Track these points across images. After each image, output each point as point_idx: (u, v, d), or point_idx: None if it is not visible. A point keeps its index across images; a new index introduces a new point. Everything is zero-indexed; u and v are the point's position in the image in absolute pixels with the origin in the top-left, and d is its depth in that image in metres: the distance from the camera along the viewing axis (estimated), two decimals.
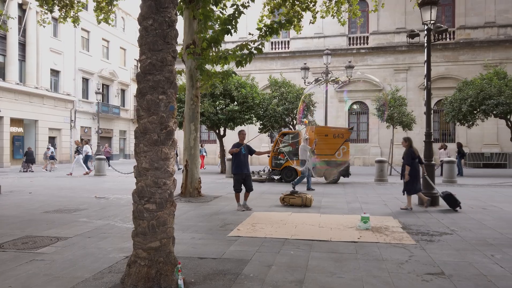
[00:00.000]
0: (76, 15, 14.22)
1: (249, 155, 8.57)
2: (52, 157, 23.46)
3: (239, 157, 8.31)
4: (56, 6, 13.58)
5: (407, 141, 8.81)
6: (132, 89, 38.56)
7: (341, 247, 5.32)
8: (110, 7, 14.07)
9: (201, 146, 24.50)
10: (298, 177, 12.24)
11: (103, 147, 27.17)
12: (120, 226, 6.71)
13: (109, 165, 21.74)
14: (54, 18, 19.69)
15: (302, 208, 8.63)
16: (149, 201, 3.76)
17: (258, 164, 25.89)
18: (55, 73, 29.79)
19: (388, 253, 5.01)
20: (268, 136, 18.17)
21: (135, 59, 39.24)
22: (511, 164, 23.54)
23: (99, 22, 14.39)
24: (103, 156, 19.86)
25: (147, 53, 3.83)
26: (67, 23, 14.74)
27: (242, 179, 8.37)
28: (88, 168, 18.80)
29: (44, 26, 15.31)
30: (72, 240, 5.69)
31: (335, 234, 6.04)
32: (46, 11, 13.65)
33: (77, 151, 19.53)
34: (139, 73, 3.88)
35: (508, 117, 17.99)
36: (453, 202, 8.38)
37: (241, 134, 8.51)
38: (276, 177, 15.36)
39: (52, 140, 29.16)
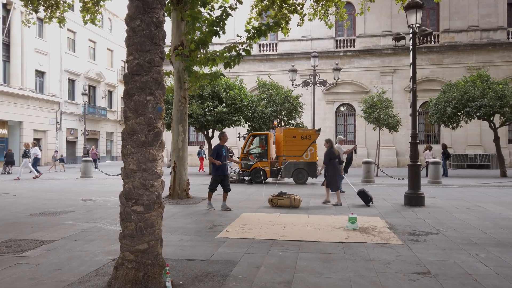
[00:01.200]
0: (62, 15, 14.03)
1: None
2: (62, 160, 24.70)
3: (220, 159, 8.52)
4: (42, 6, 13.38)
5: (328, 143, 9.51)
6: (119, 90, 38.21)
7: (329, 247, 5.35)
8: (96, 8, 13.92)
9: (200, 148, 24.12)
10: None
11: (90, 149, 26.83)
12: (107, 228, 6.64)
13: (96, 167, 21.48)
14: (39, 19, 19.44)
15: (291, 209, 8.66)
16: (137, 203, 3.73)
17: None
18: (40, 74, 29.35)
19: (375, 253, 5.06)
20: (238, 137, 18.13)
21: (122, 60, 38.90)
22: (494, 165, 24.00)
23: (85, 23, 14.22)
24: (90, 158, 19.59)
25: (135, 54, 3.81)
26: (53, 23, 14.54)
27: (221, 179, 8.65)
28: (37, 171, 17.79)
29: (29, 27, 15.07)
30: (57, 243, 5.60)
31: (323, 235, 6.08)
32: (31, 11, 13.45)
33: (25, 155, 18.65)
34: (126, 74, 3.86)
35: (491, 119, 18.36)
36: (365, 198, 9.14)
37: (224, 136, 8.77)
38: (246, 178, 15.41)
39: (37, 142, 28.67)
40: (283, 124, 20.71)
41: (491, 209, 8.59)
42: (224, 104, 18.89)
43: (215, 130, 19.78)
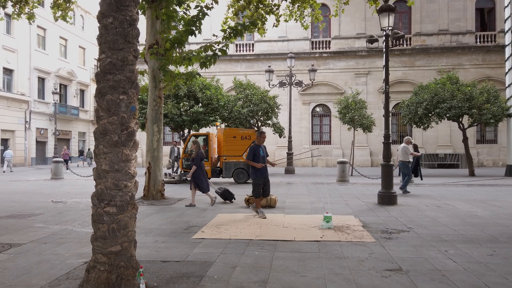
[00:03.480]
0: (32, 11, 13.56)
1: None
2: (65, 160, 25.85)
3: (258, 160, 7.68)
4: (10, 1, 12.89)
5: (195, 144, 9.47)
6: (92, 89, 37.32)
7: (304, 246, 5.41)
8: (68, 4, 13.54)
9: (175, 145, 23.48)
10: (406, 179, 11.92)
11: (62, 150, 26.10)
12: (79, 231, 6.47)
13: (67, 168, 20.89)
14: (7, 14, 18.72)
15: (267, 209, 8.68)
16: (109, 204, 3.66)
17: None
18: (8, 71, 28.30)
19: (349, 251, 5.14)
20: (179, 138, 17.94)
21: (95, 59, 37.94)
22: (463, 164, 24.87)
23: (56, 20, 13.81)
24: (60, 159, 19.03)
25: (107, 52, 3.73)
26: (22, 20, 14.04)
27: (263, 183, 7.79)
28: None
29: None
30: (26, 246, 5.42)
31: (298, 234, 6.13)
32: None
33: None
34: (99, 72, 3.77)
35: (460, 120, 19.02)
36: (228, 196, 9.66)
37: (262, 135, 7.87)
38: (188, 179, 15.40)
39: (5, 142, 27.65)
40: (259, 124, 20.77)
41: (459, 207, 8.89)
42: (200, 104, 18.76)
43: (191, 130, 19.62)
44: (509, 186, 13.79)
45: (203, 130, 19.73)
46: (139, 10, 8.43)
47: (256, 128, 16.74)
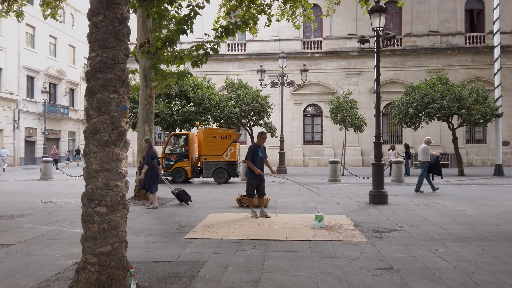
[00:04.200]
0: (20, 9, 13.36)
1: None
2: (68, 159, 27.76)
3: (256, 161, 7.59)
4: None
5: (147, 142, 9.22)
6: (82, 88, 36.93)
7: (296, 246, 5.41)
8: (57, 2, 13.37)
9: None
10: (419, 179, 11.99)
11: (52, 149, 25.80)
12: (69, 231, 6.40)
13: (56, 168, 20.65)
14: None
15: (259, 208, 8.66)
16: (100, 204, 3.62)
17: None
18: None
19: (341, 250, 5.16)
20: (159, 137, 17.77)
21: (85, 57, 37.58)
22: (453, 164, 25.13)
23: (45, 18, 13.63)
24: (50, 159, 18.79)
25: (97, 50, 3.69)
26: (10, 17, 13.82)
27: (256, 183, 7.72)
28: None
29: None
30: (15, 247, 5.34)
31: (290, 234, 6.14)
32: None
33: None
34: (89, 70, 3.73)
35: (450, 120, 19.22)
36: (184, 197, 9.31)
37: (263, 136, 7.79)
38: (169, 178, 15.41)
39: None
40: (251, 124, 20.76)
41: (449, 206, 8.98)
42: (192, 103, 18.69)
43: (182, 130, 19.55)
44: (498, 185, 13.98)
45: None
46: (130, 9, 8.37)
47: (236, 128, 16.67)
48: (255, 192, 7.79)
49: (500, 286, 3.85)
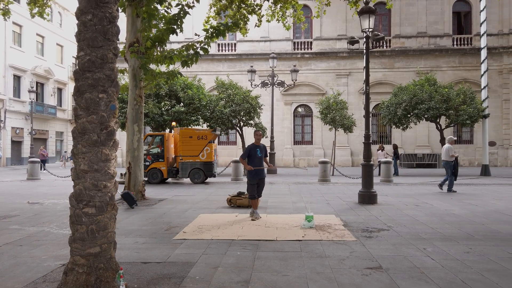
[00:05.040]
0: (7, 7, 13.18)
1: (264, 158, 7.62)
2: (71, 158, 27.25)
3: (254, 160, 7.45)
4: None
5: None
6: (70, 88, 36.51)
7: (286, 246, 5.42)
8: (45, 1, 13.23)
9: None
10: (449, 179, 11.89)
11: (39, 149, 25.46)
12: (56, 232, 6.31)
13: (44, 169, 20.36)
14: None
15: (249, 209, 8.66)
16: (88, 205, 3.58)
17: None
18: None
19: (330, 250, 5.19)
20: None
21: (73, 57, 37.14)
22: (441, 164, 25.41)
23: (32, 16, 13.47)
24: (37, 159, 18.53)
25: (86, 50, 3.65)
26: None
27: (256, 183, 7.56)
28: None
29: None
30: (1, 249, 5.25)
31: (280, 234, 6.15)
32: None
33: None
34: (77, 70, 3.69)
35: (438, 120, 19.47)
36: (130, 200, 8.99)
37: (256, 134, 7.61)
38: (145, 178, 15.36)
39: None
40: (241, 124, 20.74)
41: (437, 206, 9.09)
42: (182, 103, 18.60)
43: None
44: (485, 185, 14.20)
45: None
46: (119, 8, 8.31)
47: (210, 128, 16.56)
48: (256, 193, 7.55)
49: (487, 284, 3.91)
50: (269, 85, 21.41)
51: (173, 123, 17.64)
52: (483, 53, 19.06)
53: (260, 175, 7.55)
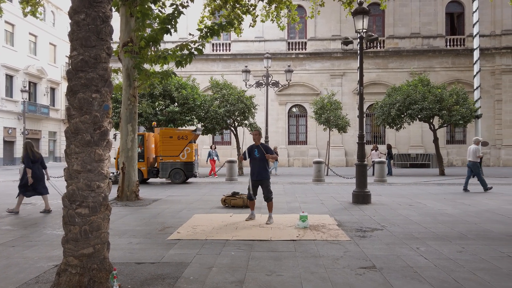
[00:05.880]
0: None
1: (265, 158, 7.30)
2: None
3: (253, 161, 7.29)
4: None
5: (24, 145, 8.54)
6: (63, 87, 36.24)
7: (280, 246, 5.43)
8: (38, 0, 13.11)
9: (212, 148, 20.63)
10: (481, 179, 12.04)
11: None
12: (49, 233, 6.27)
13: None
14: None
15: (244, 209, 8.68)
16: (81, 205, 3.56)
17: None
18: None
19: (324, 249, 5.20)
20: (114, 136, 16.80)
21: (66, 56, 36.87)
22: (434, 164, 25.62)
23: (25, 15, 13.35)
24: None
25: (79, 49, 3.63)
26: None
27: (258, 185, 7.36)
28: None
29: None
30: None
31: (275, 234, 6.16)
32: None
33: None
34: (70, 70, 3.67)
35: (431, 121, 19.59)
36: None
37: (253, 134, 7.41)
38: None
39: None
40: (236, 124, 20.72)
41: (430, 205, 9.15)
42: (176, 103, 18.55)
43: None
44: (477, 184, 14.30)
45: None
46: (112, 7, 8.27)
47: (193, 128, 16.50)
48: (254, 194, 7.39)
49: (479, 283, 3.94)
50: (263, 85, 21.40)
51: (154, 123, 17.55)
52: (476, 54, 19.22)
53: (257, 176, 7.27)
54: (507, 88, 27.27)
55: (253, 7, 13.72)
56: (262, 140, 9.22)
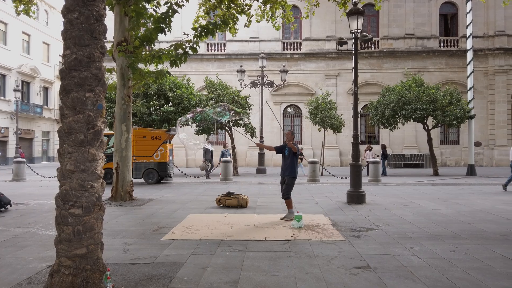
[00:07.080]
0: None
1: (294, 157, 7.49)
2: None
3: (282, 159, 7.61)
4: None
5: None
6: (57, 87, 35.98)
7: (275, 246, 5.43)
8: None
9: (225, 147, 19.38)
10: (508, 179, 12.28)
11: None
12: (42, 233, 6.21)
13: None
14: None
15: (238, 209, 8.67)
16: (75, 206, 3.53)
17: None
18: None
19: (319, 249, 5.21)
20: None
21: (60, 55, 36.60)
22: (428, 164, 25.77)
23: (18, 14, 13.23)
24: (23, 159, 18.21)
25: (72, 48, 3.60)
26: None
27: (282, 182, 7.67)
28: None
29: None
30: None
31: (270, 234, 6.15)
32: None
33: None
34: (63, 69, 3.64)
35: (425, 121, 19.71)
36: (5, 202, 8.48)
37: (286, 134, 7.76)
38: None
39: None
40: (231, 124, 20.69)
41: (424, 205, 9.20)
42: (170, 103, 18.49)
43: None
44: (470, 184, 14.42)
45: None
46: (106, 6, 8.22)
47: (167, 129, 16.39)
48: (281, 190, 7.61)
49: (472, 282, 3.96)
50: (258, 85, 21.41)
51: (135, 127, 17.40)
52: (469, 55, 19.35)
53: (283, 173, 7.57)
54: (500, 89, 27.49)
55: (248, 7, 13.72)
56: (257, 140, 9.24)
